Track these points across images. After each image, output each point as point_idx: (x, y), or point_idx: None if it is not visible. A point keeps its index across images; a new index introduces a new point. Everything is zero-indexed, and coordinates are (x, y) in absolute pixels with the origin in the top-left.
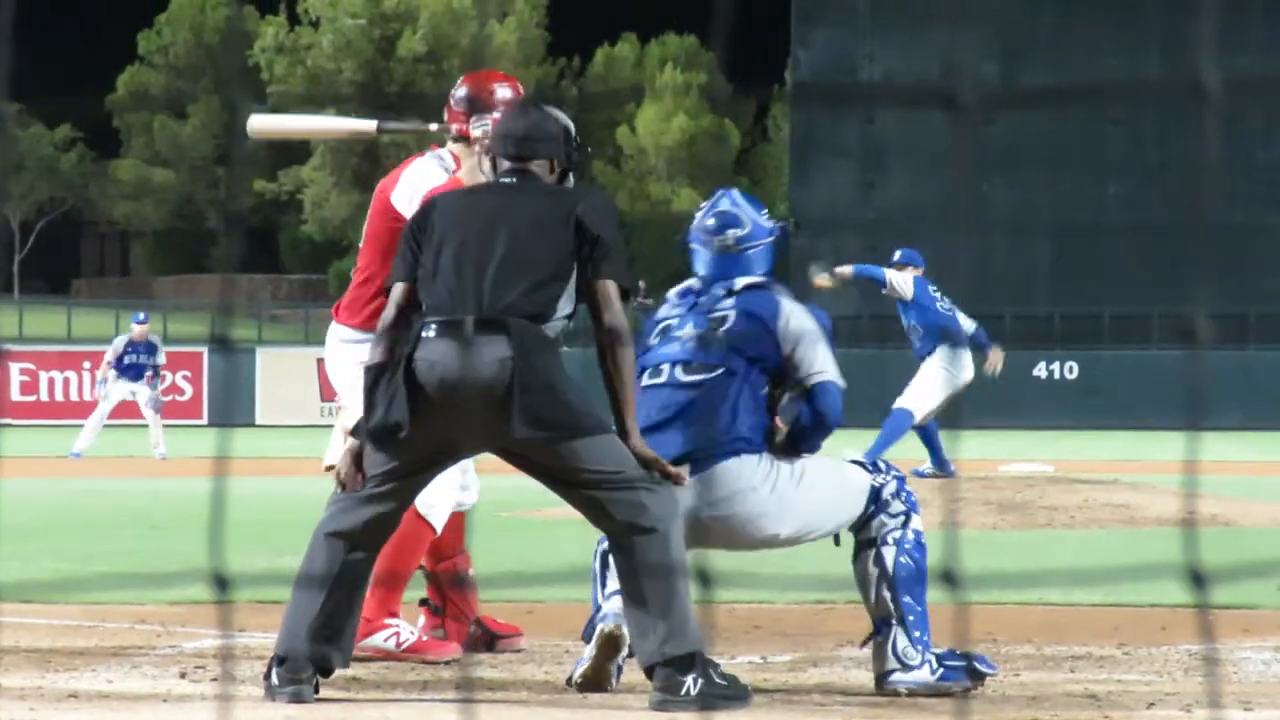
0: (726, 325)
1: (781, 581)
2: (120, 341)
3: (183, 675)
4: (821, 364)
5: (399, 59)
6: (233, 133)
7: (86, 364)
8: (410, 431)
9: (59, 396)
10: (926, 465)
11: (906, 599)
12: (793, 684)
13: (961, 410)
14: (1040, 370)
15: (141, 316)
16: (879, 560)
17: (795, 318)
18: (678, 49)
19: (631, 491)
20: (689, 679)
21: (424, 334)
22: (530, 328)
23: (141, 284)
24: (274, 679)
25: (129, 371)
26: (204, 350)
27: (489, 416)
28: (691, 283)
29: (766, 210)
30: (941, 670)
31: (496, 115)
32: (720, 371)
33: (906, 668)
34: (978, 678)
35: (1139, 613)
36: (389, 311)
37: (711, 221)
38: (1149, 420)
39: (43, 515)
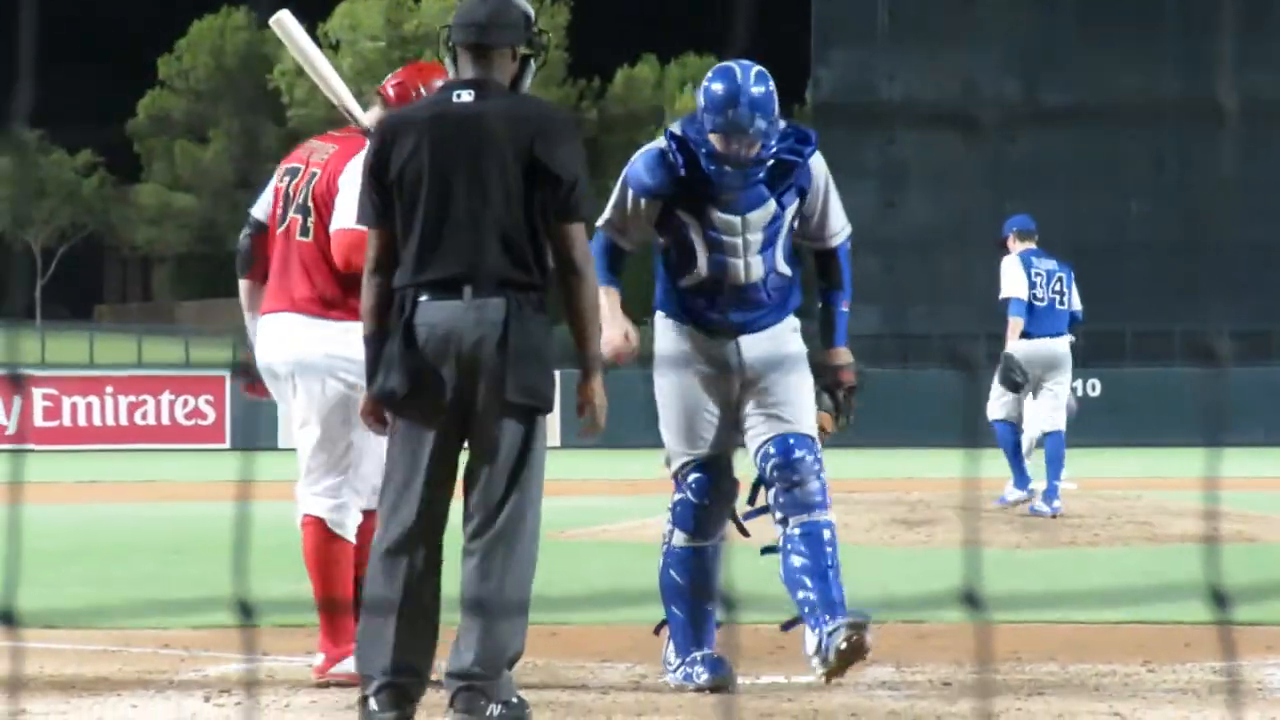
0: None
1: None
2: None
3: (207, 699)
4: None
5: None
6: (254, 156)
7: (109, 389)
8: (414, 400)
9: (81, 422)
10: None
11: (671, 608)
12: (817, 704)
13: (983, 428)
14: None
15: None
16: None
17: None
18: (698, 69)
19: (525, 497)
20: (492, 705)
21: (420, 298)
22: (523, 293)
23: (164, 309)
24: (372, 704)
25: None
26: (226, 375)
27: (479, 380)
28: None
29: None
30: (682, 675)
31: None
32: None
33: (665, 668)
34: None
35: (1163, 630)
36: (374, 259)
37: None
38: (1172, 437)
39: (66, 541)
